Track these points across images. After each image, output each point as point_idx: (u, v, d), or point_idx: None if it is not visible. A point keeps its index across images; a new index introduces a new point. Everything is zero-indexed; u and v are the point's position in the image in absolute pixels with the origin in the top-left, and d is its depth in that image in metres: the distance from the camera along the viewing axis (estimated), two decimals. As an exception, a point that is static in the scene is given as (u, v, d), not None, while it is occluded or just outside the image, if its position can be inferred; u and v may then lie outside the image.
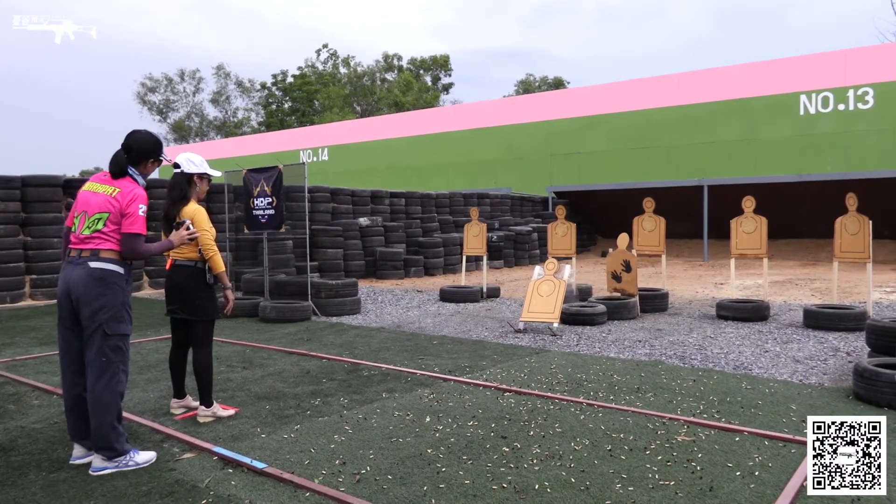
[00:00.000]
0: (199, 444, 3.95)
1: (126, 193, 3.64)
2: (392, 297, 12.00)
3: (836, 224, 8.83)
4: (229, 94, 59.17)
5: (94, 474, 3.53)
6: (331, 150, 33.25)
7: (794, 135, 20.59)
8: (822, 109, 20.17)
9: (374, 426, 4.32)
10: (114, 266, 3.61)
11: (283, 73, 57.31)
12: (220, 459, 3.73)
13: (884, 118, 18.78)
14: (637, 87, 24.21)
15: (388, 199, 18.04)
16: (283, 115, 56.59)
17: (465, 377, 5.68)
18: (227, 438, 4.08)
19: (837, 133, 19.81)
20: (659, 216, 10.28)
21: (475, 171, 27.48)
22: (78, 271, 3.57)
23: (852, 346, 6.97)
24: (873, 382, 4.71)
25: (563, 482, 3.36)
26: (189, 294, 4.48)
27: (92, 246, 3.59)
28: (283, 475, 3.43)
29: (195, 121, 58.78)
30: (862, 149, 19.17)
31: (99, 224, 3.60)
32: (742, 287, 12.62)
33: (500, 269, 18.03)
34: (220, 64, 60.26)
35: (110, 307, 3.58)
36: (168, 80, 57.55)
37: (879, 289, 11.58)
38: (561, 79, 56.43)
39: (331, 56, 58.22)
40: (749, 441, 3.97)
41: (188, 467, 3.62)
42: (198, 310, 4.51)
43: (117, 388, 3.63)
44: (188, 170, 4.57)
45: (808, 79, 20.45)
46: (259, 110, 59.60)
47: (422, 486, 3.34)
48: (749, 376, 5.71)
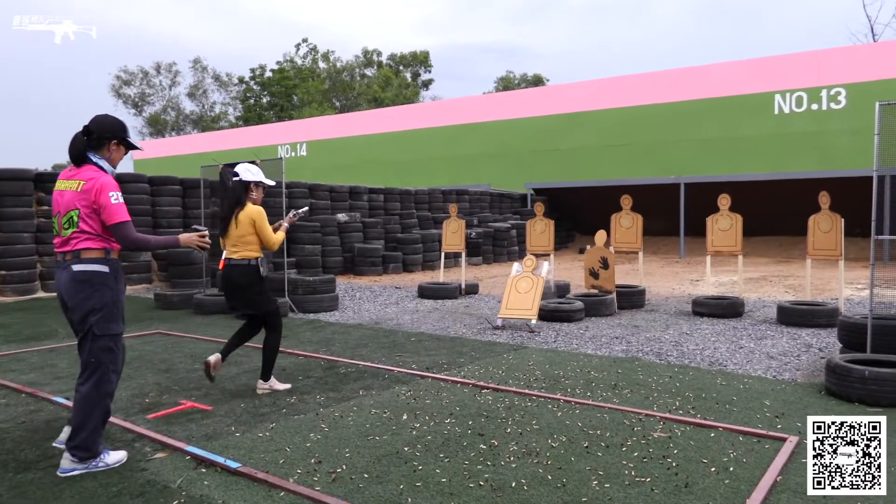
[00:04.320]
0: (171, 443, 3.89)
1: (91, 185, 3.46)
2: (370, 293, 11.95)
3: (809, 222, 8.95)
4: (206, 87, 58.46)
5: (62, 475, 3.46)
6: (309, 146, 33.01)
7: (771, 133, 20.83)
8: (797, 109, 20.43)
9: (351, 424, 4.29)
10: (97, 266, 3.50)
11: (262, 67, 56.73)
12: (192, 459, 3.67)
13: (856, 118, 19.04)
14: (618, 85, 24.33)
15: (366, 195, 17.96)
16: (262, 110, 56.02)
17: (443, 374, 5.66)
18: (200, 437, 4.02)
19: (812, 132, 20.08)
20: (636, 213, 10.34)
21: (455, 167, 27.44)
22: (64, 275, 3.50)
23: (825, 342, 7.06)
24: (845, 378, 4.77)
25: (539, 479, 3.36)
26: (246, 292, 4.98)
27: (71, 247, 3.49)
28: (257, 475, 3.39)
29: (171, 115, 58.00)
30: (835, 148, 19.44)
31: (73, 223, 3.47)
32: (718, 284, 12.75)
33: (478, 265, 18.04)
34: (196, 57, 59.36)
35: (99, 308, 3.49)
36: (144, 74, 56.72)
37: (851, 285, 11.76)
38: (540, 76, 56.56)
39: (310, 51, 57.76)
40: (724, 437, 4.00)
41: (160, 467, 3.57)
42: (257, 304, 5.05)
43: (105, 389, 3.56)
44: (245, 178, 5.08)
45: (783, 78, 20.69)
46: (237, 104, 58.97)
47: (398, 484, 3.32)
48: (724, 372, 5.76)
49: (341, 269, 15.27)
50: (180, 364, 6.18)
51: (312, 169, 30.35)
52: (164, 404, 4.78)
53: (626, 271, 14.36)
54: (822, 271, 13.72)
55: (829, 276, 12.97)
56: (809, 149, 20.01)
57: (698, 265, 16.70)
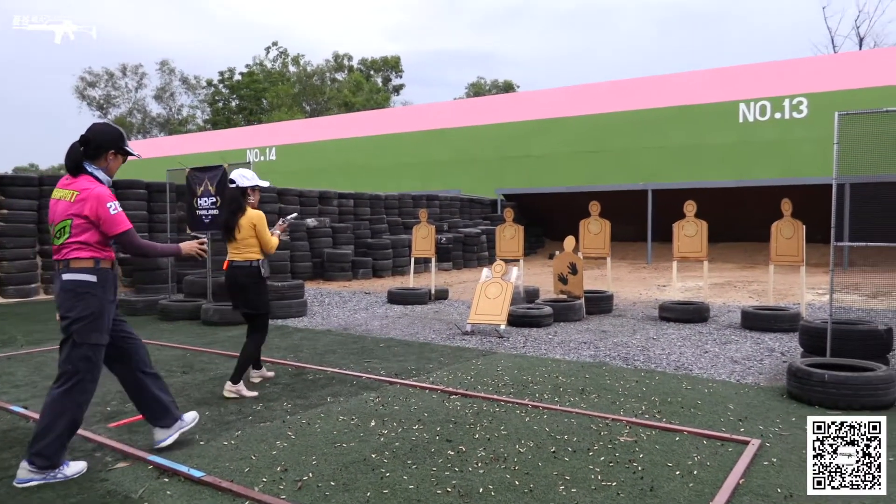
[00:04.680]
0: (133, 452, 3.81)
1: (86, 197, 3.46)
2: (339, 299, 11.88)
3: (772, 228, 9.13)
4: (174, 90, 57.74)
5: (18, 486, 3.37)
6: (279, 150, 32.75)
7: (736, 141, 21.22)
8: (760, 118, 20.86)
9: (318, 431, 4.25)
10: (84, 276, 3.48)
11: (231, 70, 56.18)
12: (155, 468, 3.61)
13: (817, 127, 19.51)
14: (587, 92, 24.59)
15: (336, 200, 17.86)
16: (230, 114, 55.45)
17: (412, 380, 5.65)
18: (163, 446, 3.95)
19: (775, 141, 20.51)
20: (604, 219, 10.44)
21: (426, 172, 27.45)
22: (57, 283, 3.54)
23: (787, 346, 7.21)
24: (805, 382, 4.87)
25: (507, 485, 3.37)
26: (249, 291, 5.21)
27: (62, 256, 3.50)
28: (221, 483, 3.34)
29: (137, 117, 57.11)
30: (798, 156, 19.88)
31: (65, 234, 3.48)
32: (684, 289, 12.93)
33: (448, 270, 18.05)
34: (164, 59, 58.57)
35: (81, 318, 3.46)
36: (109, 75, 55.78)
37: (812, 290, 12.02)
38: (511, 82, 56.93)
39: (280, 54, 57.38)
40: (689, 440, 4.05)
41: (121, 477, 3.50)
42: (255, 305, 5.25)
43: (77, 399, 3.50)
44: (242, 184, 5.27)
45: (747, 88, 21.12)
46: (205, 108, 58.28)
47: (365, 491, 3.29)
48: (689, 377, 5.84)
49: (310, 274, 15.16)
50: (144, 371, 6.06)
51: (282, 173, 30.10)
52: (127, 412, 4.69)
53: (595, 277, 14.48)
54: (785, 277, 14.00)
55: (791, 282, 13.25)
56: (773, 157, 20.44)
57: (665, 270, 16.93)
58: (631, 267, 18.75)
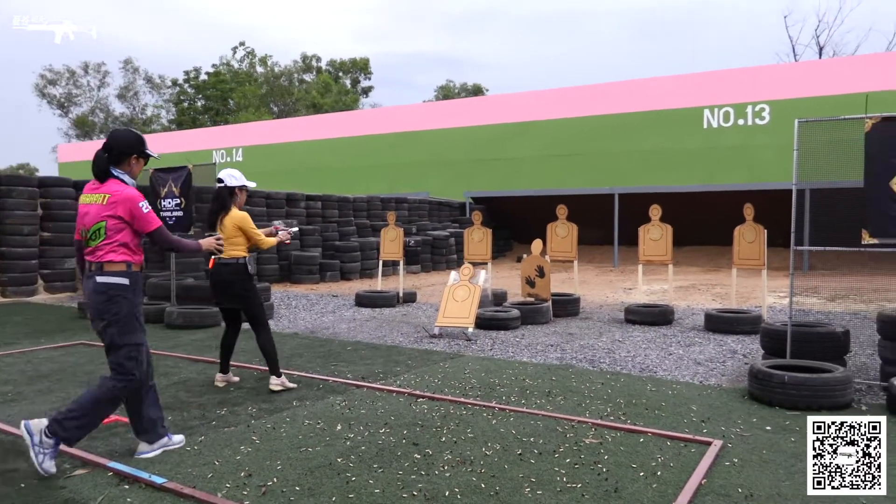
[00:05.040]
0: (92, 459, 3.73)
1: (118, 198, 3.64)
2: (307, 301, 11.78)
3: (734, 232, 9.30)
4: (138, 89, 56.67)
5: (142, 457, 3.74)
6: (245, 151, 32.38)
7: (700, 147, 21.58)
8: (724, 124, 21.24)
9: (283, 436, 4.21)
10: (118, 279, 3.66)
11: (197, 69, 55.33)
12: (115, 475, 3.54)
13: (779, 134, 19.92)
14: (555, 97, 24.79)
15: (304, 202, 17.72)
16: (196, 114, 54.60)
17: (379, 383, 5.62)
18: (124, 452, 3.88)
19: (738, 146, 20.90)
20: (572, 223, 10.54)
21: (395, 175, 27.38)
22: (89, 285, 3.69)
23: (749, 348, 7.34)
24: (766, 383, 4.97)
25: (473, 488, 3.37)
26: (235, 288, 5.25)
27: (96, 258, 3.66)
28: (183, 490, 3.29)
29: (100, 116, 55.92)
30: (760, 162, 20.29)
31: (100, 235, 3.65)
32: (649, 292, 13.11)
33: (417, 273, 18.02)
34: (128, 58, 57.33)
35: (118, 321, 3.65)
36: (70, 73, 54.55)
37: (774, 293, 12.27)
38: (480, 86, 57.10)
39: (247, 54, 56.73)
40: (652, 442, 4.11)
41: (80, 485, 3.41)
42: (246, 300, 5.31)
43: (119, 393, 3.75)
44: (230, 183, 5.34)
45: (712, 94, 21.50)
46: (170, 107, 57.31)
47: (330, 496, 3.27)
48: (654, 378, 5.91)
49: (277, 277, 15.01)
50: (105, 376, 5.94)
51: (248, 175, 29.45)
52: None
53: (562, 280, 14.60)
54: (748, 280, 14.27)
55: (753, 285, 13.51)
56: (736, 162, 20.83)
57: (632, 273, 17.14)
58: (598, 270, 18.94)
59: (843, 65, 21.74)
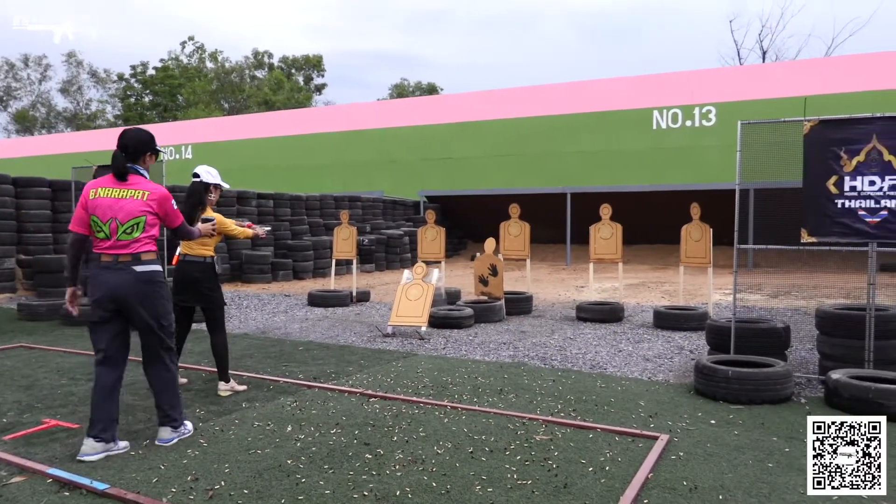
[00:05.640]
0: (30, 465, 3.60)
1: (157, 196, 3.92)
2: (258, 301, 11.60)
3: (682, 231, 9.52)
4: (81, 83, 54.95)
5: (164, 444, 3.98)
6: (195, 148, 31.70)
7: (649, 147, 22.02)
8: (672, 125, 21.73)
9: (232, 438, 4.13)
10: (156, 266, 3.97)
11: (144, 64, 53.96)
12: (55, 482, 3.42)
13: (724, 135, 20.46)
14: (507, 96, 24.96)
15: (255, 200, 17.44)
16: (143, 110, 53.17)
17: (330, 383, 5.58)
18: (64, 458, 3.75)
19: (686, 147, 21.40)
20: (524, 222, 10.63)
21: (348, 173, 27.18)
22: (122, 276, 3.83)
23: (695, 344, 7.53)
24: (711, 378, 5.10)
25: (424, 487, 3.37)
26: (201, 286, 5.18)
27: (131, 250, 3.84)
28: (126, 496, 3.20)
29: (41, 111, 54.07)
30: (706, 162, 20.81)
31: (138, 229, 3.86)
32: (600, 290, 13.31)
33: (371, 272, 17.93)
34: (71, 51, 55.42)
35: (163, 304, 3.99)
36: (9, 66, 52.55)
37: (720, 291, 12.60)
38: (434, 84, 57.11)
39: (197, 49, 55.52)
40: (602, 437, 4.17)
41: (17, 493, 3.29)
42: (210, 300, 5.25)
43: (176, 364, 4.18)
44: (206, 180, 5.29)
45: (660, 96, 21.96)
46: (116, 103, 55.72)
47: (279, 498, 3.22)
48: (604, 375, 6.01)
49: (228, 276, 14.74)
50: (45, 380, 5.75)
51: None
52: (25, 423, 4.42)
53: (515, 278, 14.72)
54: (695, 278, 14.63)
55: (700, 282, 13.86)
56: (683, 162, 21.32)
57: (584, 272, 17.38)
58: (551, 268, 19.16)
59: (784, 69, 22.48)
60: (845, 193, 5.32)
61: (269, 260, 15.42)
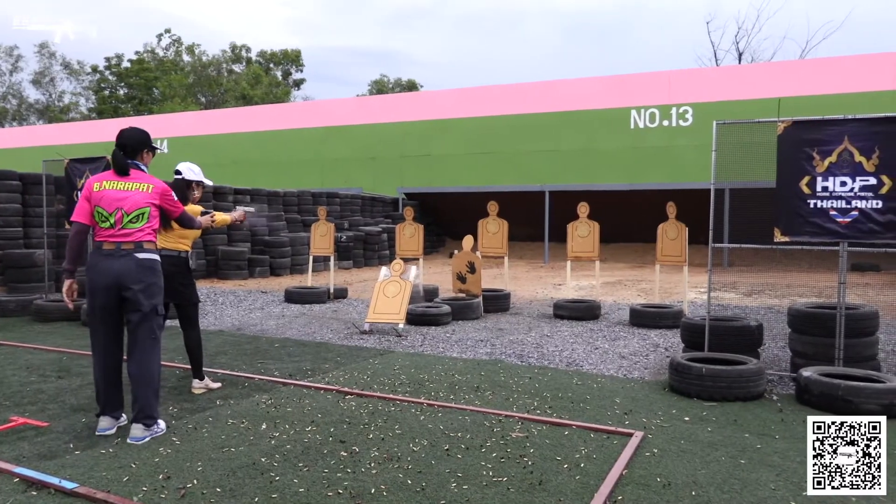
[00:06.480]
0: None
1: (160, 189, 4.21)
2: (234, 298, 11.50)
3: (658, 230, 9.59)
4: (54, 75, 53.94)
5: (136, 443, 3.91)
6: (171, 142, 31.31)
7: (627, 146, 22.18)
8: (650, 124, 21.90)
9: (206, 436, 4.09)
10: (155, 255, 4.19)
11: (119, 56, 53.08)
12: (22, 481, 3.35)
13: (700, 135, 20.67)
14: (487, 94, 24.97)
15: (232, 196, 17.27)
16: (118, 103, 52.35)
17: (306, 381, 5.54)
18: (32, 457, 3.68)
19: (663, 147, 21.59)
20: (503, 219, 10.64)
21: (327, 169, 27.03)
22: (124, 262, 4.02)
23: (671, 342, 7.60)
24: (685, 375, 5.15)
25: (399, 484, 3.35)
26: (174, 281, 5.04)
27: (134, 239, 4.06)
28: (96, 495, 3.15)
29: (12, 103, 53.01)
30: (683, 162, 21.01)
31: (143, 219, 4.10)
32: (578, 288, 13.39)
33: (349, 269, 17.86)
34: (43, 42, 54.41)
35: (159, 291, 4.17)
36: (-20, 57, 51.45)
37: (695, 289, 12.73)
38: (414, 81, 56.97)
39: (173, 42, 54.78)
40: (577, 434, 4.19)
41: (-18, 492, 3.22)
42: (184, 296, 5.20)
43: (159, 356, 4.20)
44: (188, 177, 5.33)
45: (638, 95, 22.12)
46: (90, 95, 54.78)
47: (253, 497, 3.19)
48: (580, 372, 6.04)
49: (204, 273, 14.59)
50: (13, 377, 5.64)
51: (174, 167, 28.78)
52: None
53: (493, 276, 14.75)
54: (671, 276, 14.77)
55: (676, 281, 13.99)
56: (660, 162, 21.50)
57: (562, 270, 17.46)
58: (529, 266, 19.22)
59: (760, 70, 22.72)
60: (817, 193, 5.39)
61: (246, 256, 15.29)
